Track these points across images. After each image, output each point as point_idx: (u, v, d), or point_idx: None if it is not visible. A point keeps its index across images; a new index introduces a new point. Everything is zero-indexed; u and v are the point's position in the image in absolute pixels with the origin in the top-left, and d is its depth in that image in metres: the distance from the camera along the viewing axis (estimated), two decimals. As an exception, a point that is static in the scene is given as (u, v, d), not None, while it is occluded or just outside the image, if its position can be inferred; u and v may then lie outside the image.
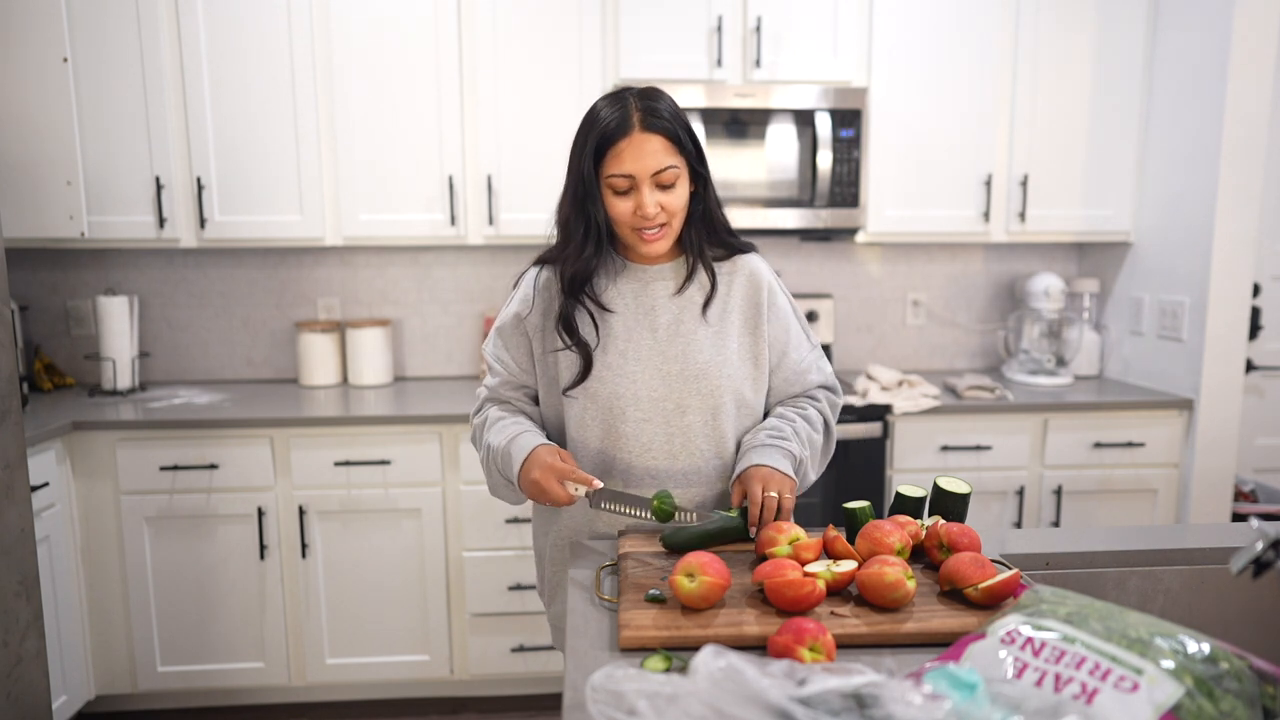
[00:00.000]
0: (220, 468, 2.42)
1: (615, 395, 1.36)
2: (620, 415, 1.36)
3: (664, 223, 1.31)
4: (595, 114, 1.30)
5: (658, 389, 1.36)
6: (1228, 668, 0.76)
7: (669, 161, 1.28)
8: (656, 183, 1.28)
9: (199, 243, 2.64)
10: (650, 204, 1.28)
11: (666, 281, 1.39)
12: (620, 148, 1.27)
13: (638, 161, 1.27)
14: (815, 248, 3.15)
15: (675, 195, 1.30)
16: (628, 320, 1.38)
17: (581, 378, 1.36)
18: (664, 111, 1.29)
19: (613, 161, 1.28)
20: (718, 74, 2.67)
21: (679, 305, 1.38)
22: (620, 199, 1.30)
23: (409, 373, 3.09)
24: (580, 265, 1.34)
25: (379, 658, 2.54)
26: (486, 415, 1.43)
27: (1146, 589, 1.28)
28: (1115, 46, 2.77)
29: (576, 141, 1.32)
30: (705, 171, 1.35)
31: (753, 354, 1.41)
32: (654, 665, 0.93)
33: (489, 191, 2.67)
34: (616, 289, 1.39)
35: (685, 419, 1.36)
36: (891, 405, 2.60)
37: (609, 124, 1.27)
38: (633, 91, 1.31)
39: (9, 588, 1.77)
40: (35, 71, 2.36)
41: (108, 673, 2.48)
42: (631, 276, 1.40)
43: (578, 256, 1.34)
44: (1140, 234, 2.88)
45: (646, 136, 1.27)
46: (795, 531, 1.18)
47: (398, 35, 2.60)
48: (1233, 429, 2.63)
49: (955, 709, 0.70)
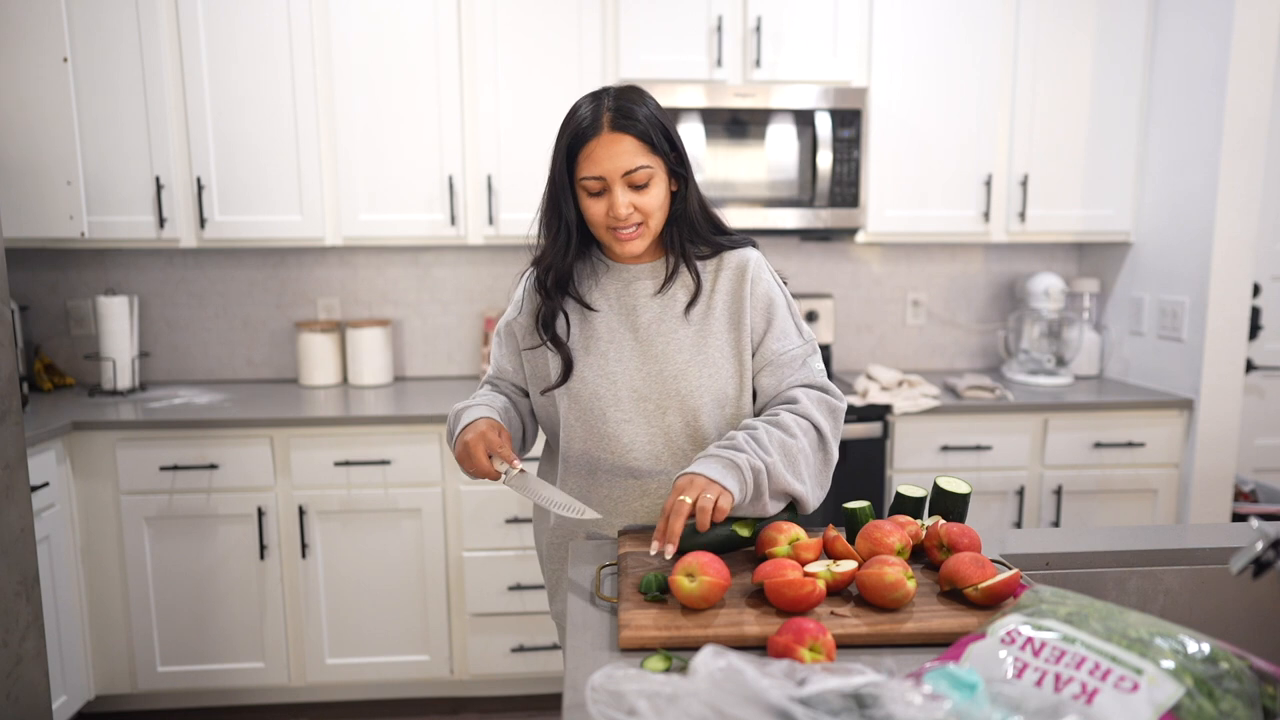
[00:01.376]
0: (220, 468, 2.42)
1: (596, 395, 1.35)
2: (601, 416, 1.35)
3: (639, 223, 1.30)
4: (573, 113, 1.29)
5: (639, 389, 1.35)
6: (1228, 668, 0.76)
7: (640, 162, 1.26)
8: (628, 183, 1.27)
9: (199, 243, 2.64)
10: (622, 205, 1.26)
11: (648, 281, 1.38)
12: (590, 149, 1.26)
13: (608, 162, 1.25)
14: (815, 248, 3.15)
15: (649, 196, 1.29)
16: (610, 320, 1.37)
17: (563, 378, 1.36)
18: (636, 112, 1.26)
19: (584, 163, 1.27)
20: (718, 74, 2.67)
21: (660, 305, 1.37)
22: (594, 200, 1.29)
23: (409, 373, 3.09)
24: (556, 265, 1.34)
25: (379, 658, 2.54)
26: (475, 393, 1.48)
27: (1146, 589, 1.28)
28: (1115, 46, 2.77)
29: (556, 140, 1.32)
30: (684, 171, 1.32)
31: (735, 350, 1.37)
32: (654, 665, 0.93)
33: (489, 191, 2.67)
34: (600, 289, 1.39)
35: (666, 419, 1.35)
36: (891, 405, 2.60)
37: (580, 123, 1.27)
38: (610, 90, 1.29)
39: (9, 588, 1.77)
40: (35, 71, 2.36)
41: (108, 673, 2.48)
42: (614, 276, 1.39)
43: (552, 257, 1.34)
44: (1140, 234, 2.88)
45: (616, 137, 1.25)
46: (795, 532, 1.18)
47: (398, 34, 2.60)
48: (1233, 429, 2.63)
49: (955, 709, 0.70)
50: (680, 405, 1.35)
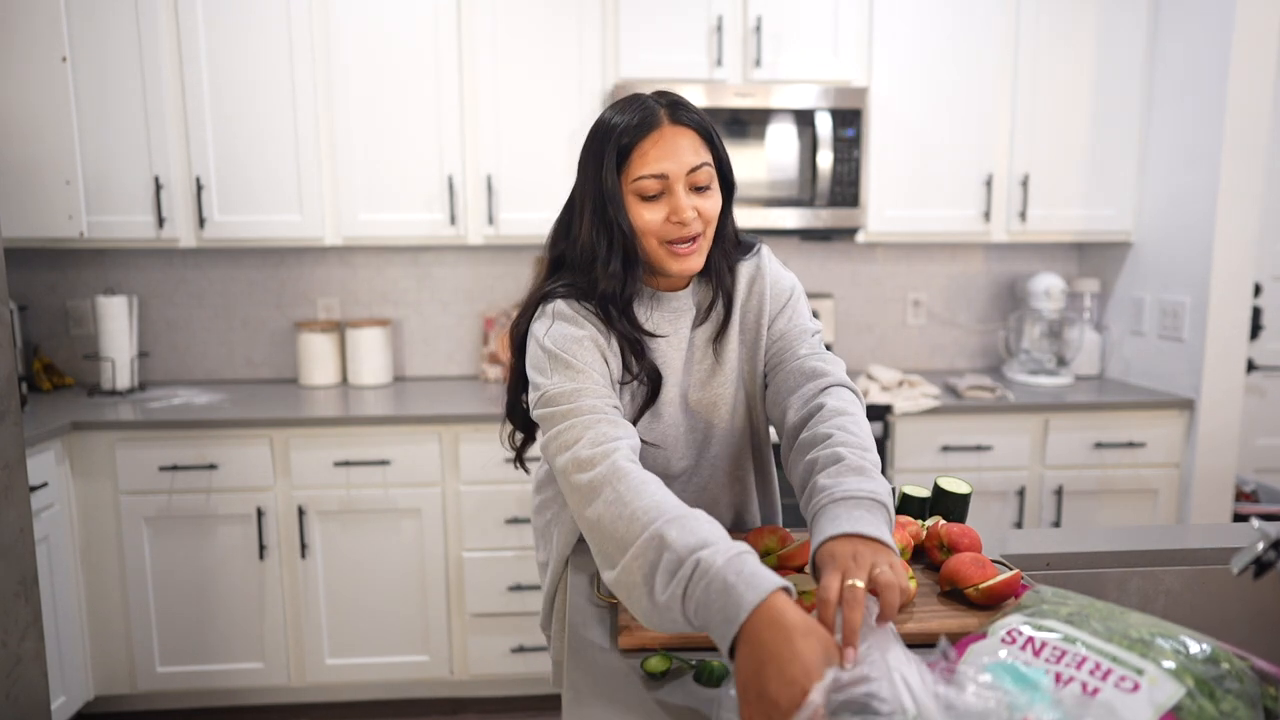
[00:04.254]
0: (219, 468, 2.42)
1: (662, 436, 1.25)
2: (654, 448, 1.25)
3: (699, 233, 1.14)
4: (607, 121, 1.15)
5: (684, 422, 1.27)
6: (1229, 668, 0.76)
7: (702, 159, 1.13)
8: (691, 183, 1.13)
9: (198, 243, 2.63)
10: (687, 207, 1.11)
11: (690, 312, 1.25)
12: (646, 147, 1.11)
13: (670, 159, 1.11)
14: (815, 248, 3.14)
15: (711, 200, 1.15)
16: (669, 352, 1.23)
17: (643, 409, 1.21)
18: (692, 107, 1.16)
19: (639, 162, 1.12)
20: (718, 74, 2.67)
21: (700, 337, 1.26)
22: (648, 206, 1.13)
23: (409, 373, 3.08)
24: (614, 284, 1.15)
25: (379, 658, 2.54)
26: (615, 460, 0.99)
27: (1147, 589, 1.28)
28: (1115, 46, 2.77)
29: (588, 155, 1.17)
30: (733, 178, 1.21)
31: (751, 356, 1.29)
32: (654, 666, 0.92)
33: (489, 191, 2.67)
34: (653, 321, 1.23)
35: (711, 450, 1.29)
36: (892, 405, 2.60)
37: (630, 123, 1.12)
38: (646, 94, 1.17)
39: (8, 588, 1.77)
40: (34, 71, 2.35)
41: (107, 673, 2.47)
42: (663, 306, 1.23)
43: (608, 275, 1.15)
44: (1141, 234, 2.88)
45: (679, 130, 1.13)
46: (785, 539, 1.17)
47: (397, 33, 2.59)
48: (1234, 429, 2.63)
49: (1009, 701, 0.69)
50: (710, 417, 1.29)
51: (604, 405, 1.06)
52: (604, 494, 0.96)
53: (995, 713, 0.68)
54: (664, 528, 0.89)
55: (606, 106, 1.24)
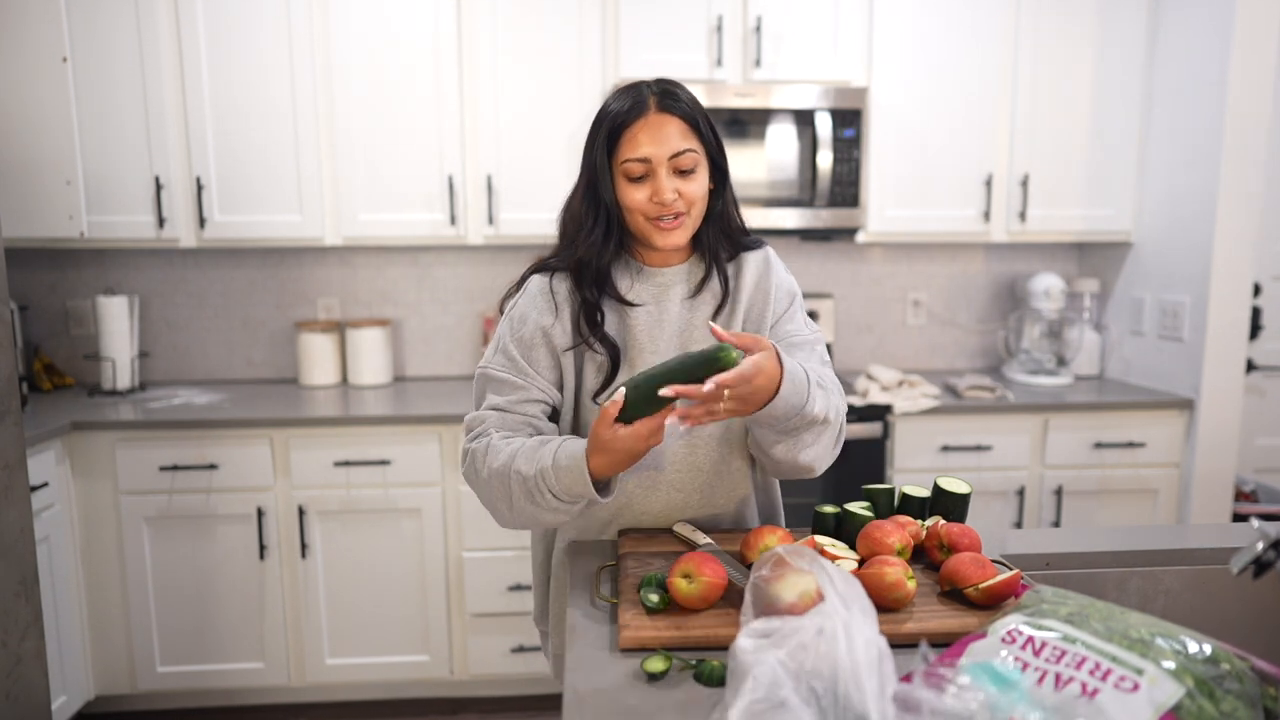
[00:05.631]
0: (220, 468, 2.42)
1: None
2: None
3: (682, 211, 1.24)
4: (606, 106, 1.26)
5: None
6: (1228, 668, 0.76)
7: (687, 145, 1.22)
8: (674, 167, 1.22)
9: (199, 243, 2.64)
10: (668, 189, 1.21)
11: (681, 285, 1.32)
12: (634, 130, 1.21)
13: (654, 145, 1.21)
14: (815, 248, 3.15)
15: (694, 183, 1.24)
16: (649, 322, 1.31)
17: (609, 380, 1.29)
18: (681, 95, 1.24)
19: (627, 145, 1.22)
20: (718, 73, 2.67)
21: (690, 309, 1.32)
22: (635, 186, 1.23)
23: (409, 373, 3.08)
24: (596, 257, 1.27)
25: (379, 658, 2.54)
26: (489, 441, 1.25)
27: (1147, 589, 1.28)
28: (1115, 46, 2.77)
29: (589, 137, 1.28)
30: (725, 164, 1.29)
31: None
32: (654, 666, 0.92)
33: (489, 191, 2.67)
34: (634, 291, 1.32)
35: (704, 428, 1.31)
36: (892, 405, 2.60)
37: (621, 108, 1.23)
38: (647, 81, 1.26)
39: (8, 588, 1.77)
40: (35, 71, 2.35)
41: (107, 673, 2.48)
42: (647, 279, 1.32)
43: (588, 242, 1.27)
44: (1141, 234, 2.88)
45: (663, 118, 1.22)
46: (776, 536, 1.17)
47: (397, 33, 2.59)
48: (1233, 429, 2.63)
49: (989, 702, 0.69)
50: None
51: (515, 422, 1.28)
52: (481, 473, 1.24)
53: (977, 715, 0.68)
54: (519, 465, 1.19)
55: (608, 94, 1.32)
